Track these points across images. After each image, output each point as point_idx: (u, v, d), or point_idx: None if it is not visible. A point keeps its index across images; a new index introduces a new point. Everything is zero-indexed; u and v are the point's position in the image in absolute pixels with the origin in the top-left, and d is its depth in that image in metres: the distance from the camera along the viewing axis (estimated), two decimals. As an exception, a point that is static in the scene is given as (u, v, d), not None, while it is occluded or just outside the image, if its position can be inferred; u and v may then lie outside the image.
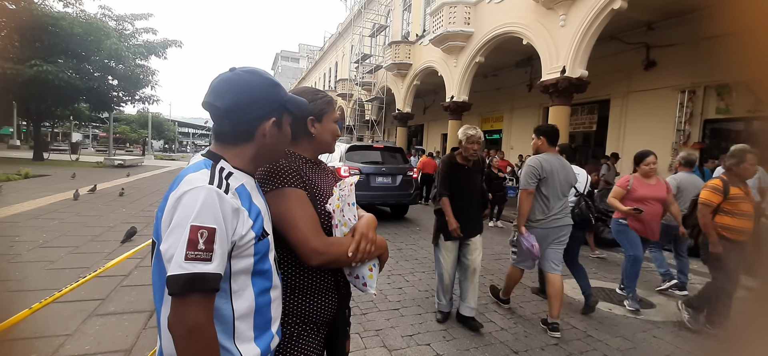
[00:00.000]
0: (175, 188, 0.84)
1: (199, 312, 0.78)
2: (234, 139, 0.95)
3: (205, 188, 0.81)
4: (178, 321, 0.77)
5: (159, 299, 0.87)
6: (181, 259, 0.76)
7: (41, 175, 11.71)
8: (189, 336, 0.77)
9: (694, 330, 3.41)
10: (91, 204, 7.63)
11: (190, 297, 0.77)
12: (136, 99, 19.32)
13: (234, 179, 0.90)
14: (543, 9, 8.60)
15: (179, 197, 0.81)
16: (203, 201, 0.80)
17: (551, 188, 3.23)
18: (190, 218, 0.78)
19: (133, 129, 45.21)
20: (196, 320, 0.77)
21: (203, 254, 0.77)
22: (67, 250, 4.57)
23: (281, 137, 1.01)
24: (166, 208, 0.83)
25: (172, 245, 0.78)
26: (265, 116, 0.95)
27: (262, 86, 0.95)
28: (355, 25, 21.13)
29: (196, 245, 0.77)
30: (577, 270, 3.82)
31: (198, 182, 0.82)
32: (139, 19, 17.99)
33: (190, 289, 0.76)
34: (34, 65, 13.74)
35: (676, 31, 8.43)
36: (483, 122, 15.68)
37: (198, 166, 0.88)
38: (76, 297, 3.16)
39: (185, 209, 0.79)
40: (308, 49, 55.85)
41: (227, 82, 0.92)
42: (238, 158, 0.95)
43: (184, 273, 0.76)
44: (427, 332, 3.13)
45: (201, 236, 0.78)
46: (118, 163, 17.62)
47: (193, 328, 0.77)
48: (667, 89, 8.69)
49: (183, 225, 0.78)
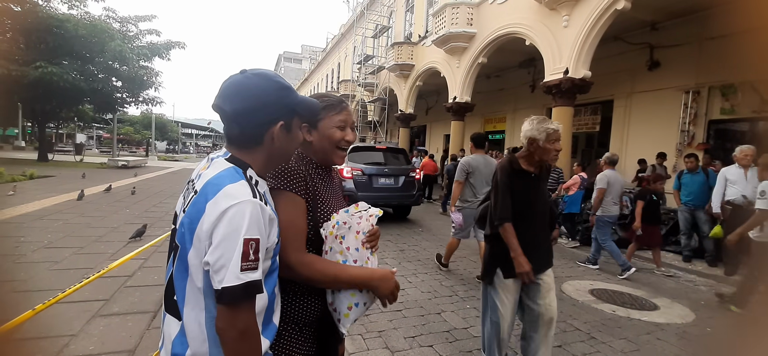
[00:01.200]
0: (212, 196, 0.85)
1: (250, 315, 0.85)
2: (244, 142, 0.96)
3: (251, 203, 0.85)
4: (230, 326, 0.82)
5: (182, 298, 0.90)
6: (237, 270, 0.80)
7: (46, 176, 11.79)
8: (241, 338, 0.83)
9: None
10: (96, 205, 7.67)
11: (242, 304, 0.83)
12: (140, 101, 19.41)
13: (261, 187, 0.94)
14: (546, 10, 8.58)
15: (225, 210, 0.83)
16: (250, 215, 0.84)
17: (477, 179, 4.48)
18: (242, 232, 0.82)
19: (136, 130, 45.49)
20: (247, 322, 0.84)
21: (253, 264, 0.83)
22: (71, 251, 4.59)
23: (291, 141, 1.01)
24: (204, 218, 0.84)
25: (221, 256, 0.81)
26: (273, 121, 0.95)
27: (271, 90, 0.94)
28: (358, 26, 21.16)
29: (248, 257, 0.82)
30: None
31: (242, 195, 0.85)
32: (142, 21, 18.08)
33: (244, 297, 0.82)
34: (39, 67, 13.84)
35: (681, 32, 8.39)
36: (486, 123, 15.66)
37: (231, 175, 0.89)
38: (81, 298, 3.19)
39: (234, 223, 0.82)
40: (311, 50, 56.02)
41: (236, 86, 0.93)
42: (256, 163, 0.97)
43: (242, 283, 0.81)
44: (429, 333, 3.13)
45: (251, 247, 0.83)
46: (122, 164, 17.72)
47: (244, 330, 0.84)
48: (671, 89, 8.65)
49: (235, 239, 0.81)
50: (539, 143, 2.22)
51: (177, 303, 0.91)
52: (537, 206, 2.33)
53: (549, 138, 2.21)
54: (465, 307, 3.71)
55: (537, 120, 2.25)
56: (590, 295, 4.29)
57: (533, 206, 2.31)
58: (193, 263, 0.86)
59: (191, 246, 0.86)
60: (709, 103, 8.16)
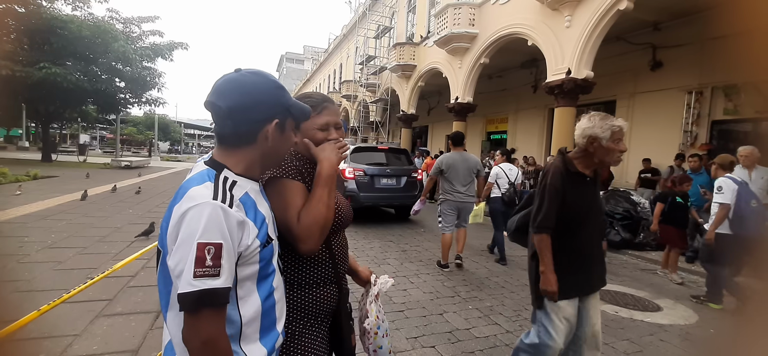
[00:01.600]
0: (179, 200, 0.83)
1: (211, 325, 0.79)
2: (236, 141, 0.93)
3: (210, 204, 0.80)
4: (193, 335, 0.79)
5: (165, 304, 0.88)
6: (190, 277, 0.76)
7: (50, 176, 11.85)
8: (203, 349, 0.79)
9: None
10: (99, 205, 7.71)
11: (202, 312, 0.78)
12: (143, 101, 19.51)
13: (238, 188, 0.89)
14: (548, 10, 8.57)
15: (184, 212, 0.80)
16: (208, 217, 0.79)
17: (453, 175, 4.83)
18: (196, 236, 0.78)
19: (139, 131, 45.63)
20: (209, 333, 0.79)
21: (211, 270, 0.78)
22: (75, 251, 4.62)
23: (284, 141, 0.99)
24: (170, 221, 0.82)
25: (179, 261, 0.78)
26: (268, 119, 0.93)
27: (266, 88, 0.93)
28: (360, 26, 21.18)
29: (204, 262, 0.77)
30: (500, 234, 5.37)
31: (202, 197, 0.81)
32: (145, 22, 18.19)
33: (201, 305, 0.77)
34: (42, 68, 13.93)
35: (683, 32, 8.36)
36: (488, 124, 15.64)
37: (201, 177, 0.86)
38: (84, 298, 3.20)
39: (190, 226, 0.79)
40: (313, 51, 56.14)
41: (232, 83, 0.91)
42: (242, 163, 0.94)
43: (195, 290, 0.76)
44: (431, 334, 3.13)
45: (208, 252, 0.77)
46: (125, 164, 17.80)
47: (207, 341, 0.79)
48: (674, 89, 8.62)
49: (189, 242, 0.77)
50: (602, 143, 1.91)
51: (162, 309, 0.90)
52: (592, 215, 2.03)
53: (614, 137, 1.91)
54: (467, 308, 3.71)
55: (599, 117, 1.97)
56: (593, 296, 4.28)
57: (588, 214, 2.02)
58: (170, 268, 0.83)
59: (168, 252, 0.83)
60: (712, 103, 8.13)
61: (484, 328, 3.29)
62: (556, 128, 8.58)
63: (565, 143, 8.30)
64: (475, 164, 4.99)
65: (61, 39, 14.74)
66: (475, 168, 4.96)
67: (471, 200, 4.92)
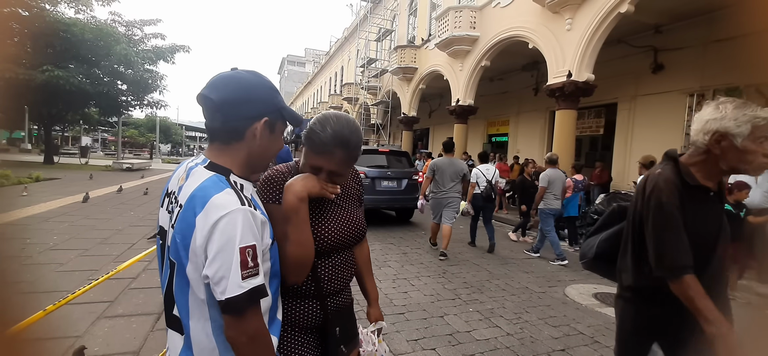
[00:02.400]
0: (200, 209, 0.82)
1: (258, 319, 0.87)
2: (225, 137, 0.93)
3: (241, 211, 0.84)
4: (241, 333, 0.84)
5: (186, 315, 0.89)
6: (238, 280, 0.81)
7: (52, 178, 11.89)
8: (252, 343, 0.85)
9: None
10: (100, 207, 7.73)
11: (248, 310, 0.84)
12: (145, 104, 19.57)
13: (246, 190, 0.93)
14: (549, 13, 8.59)
15: (216, 222, 0.81)
16: (242, 224, 0.83)
17: (442, 176, 5.68)
18: (236, 242, 0.81)
19: (141, 133, 45.74)
20: (257, 327, 0.86)
21: (253, 270, 0.83)
22: (77, 253, 4.63)
23: (272, 142, 0.98)
24: (196, 232, 0.82)
25: (220, 268, 0.80)
26: (258, 116, 0.93)
27: (260, 86, 0.94)
28: (361, 29, 21.24)
29: (247, 265, 0.82)
30: (489, 228, 6.33)
31: (230, 204, 0.83)
32: (147, 25, 18.24)
33: (251, 304, 0.83)
34: (45, 71, 14.00)
35: (685, 34, 8.36)
36: (489, 126, 15.65)
37: (216, 184, 0.86)
38: (86, 300, 3.21)
39: (228, 234, 0.81)
40: (314, 54, 56.22)
41: (226, 78, 0.92)
42: (235, 163, 0.94)
43: (245, 291, 0.81)
44: (432, 336, 3.12)
45: (248, 255, 0.83)
46: (127, 166, 17.85)
47: (255, 335, 0.86)
48: (676, 92, 8.61)
49: (230, 249, 0.81)
50: (735, 141, 1.28)
51: (180, 317, 0.90)
52: (718, 242, 1.39)
53: (755, 133, 1.25)
54: (468, 310, 3.70)
55: (732, 104, 1.30)
56: (594, 299, 4.27)
57: (715, 244, 1.39)
58: (193, 277, 0.85)
59: (188, 261, 0.84)
60: (713, 106, 8.11)
61: (485, 330, 3.28)
62: (557, 131, 8.58)
63: (566, 145, 8.29)
64: (461, 168, 5.81)
65: (64, 42, 14.81)
66: (461, 172, 5.76)
67: (454, 197, 5.71)
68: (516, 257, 6.02)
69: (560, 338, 3.24)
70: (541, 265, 5.62)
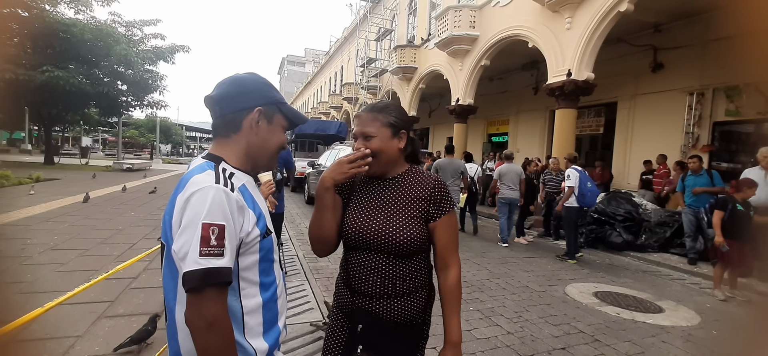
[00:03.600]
0: (182, 190, 0.87)
1: (216, 305, 0.82)
2: (225, 130, 0.98)
3: (213, 188, 0.84)
4: (197, 316, 0.80)
5: (172, 299, 0.90)
6: (195, 255, 0.80)
7: (52, 179, 11.89)
8: (209, 329, 0.81)
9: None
10: (101, 207, 7.73)
11: (206, 292, 0.80)
12: (145, 104, 19.58)
13: (236, 179, 0.93)
14: (548, 12, 8.59)
15: (188, 197, 0.84)
16: (212, 200, 0.83)
17: (443, 174, 6.49)
18: (201, 217, 0.81)
19: (141, 133, 45.74)
20: (214, 313, 0.81)
21: (216, 249, 0.81)
22: (77, 253, 4.63)
23: (271, 133, 1.01)
24: (174, 209, 0.86)
25: (185, 243, 0.81)
26: (252, 106, 0.97)
27: (255, 81, 1.00)
28: (361, 29, 21.23)
29: (209, 242, 0.80)
30: (474, 215, 7.72)
31: (205, 182, 0.85)
32: (147, 25, 18.24)
33: (206, 283, 0.80)
34: (45, 71, 13.99)
35: (684, 33, 8.36)
36: (489, 126, 15.65)
37: (201, 168, 0.91)
38: (86, 299, 3.21)
39: (195, 209, 0.82)
40: (314, 54, 56.21)
41: (226, 78, 1.01)
42: (234, 154, 0.98)
43: (200, 268, 0.79)
44: (432, 335, 3.08)
45: (212, 233, 0.81)
46: (127, 167, 17.86)
47: (212, 321, 0.81)
48: (675, 91, 8.61)
49: (195, 224, 0.81)
50: None
51: (166, 304, 0.93)
52: None
53: None
54: (468, 309, 3.71)
55: None
56: (594, 297, 4.27)
57: None
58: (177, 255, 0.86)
59: (172, 241, 0.86)
60: (713, 105, 8.11)
61: (485, 329, 3.29)
62: (557, 130, 8.58)
63: (565, 144, 8.30)
64: (459, 166, 6.86)
65: (64, 42, 14.81)
66: (459, 169, 6.78)
67: (454, 191, 6.66)
68: (516, 256, 6.03)
69: (560, 336, 3.24)
70: (541, 264, 5.62)
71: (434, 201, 1.18)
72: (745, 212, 4.32)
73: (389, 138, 1.16)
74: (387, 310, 1.16)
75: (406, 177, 1.22)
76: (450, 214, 1.20)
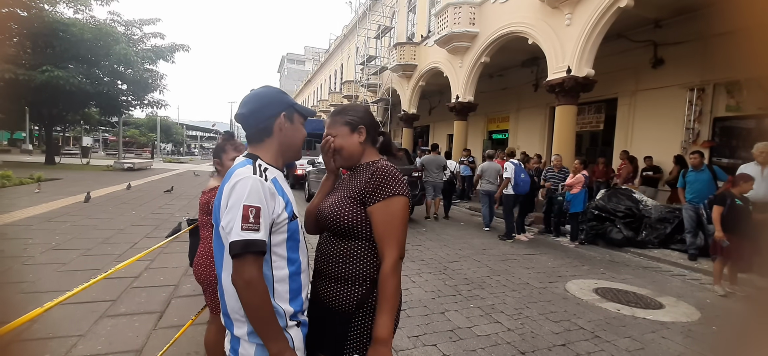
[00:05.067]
0: (228, 181, 1.11)
1: (253, 268, 1.04)
2: (259, 135, 1.22)
3: (252, 178, 1.09)
4: (238, 277, 1.04)
5: (220, 267, 1.16)
6: (238, 229, 1.03)
7: (53, 179, 11.91)
8: (247, 287, 1.04)
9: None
10: (102, 207, 7.75)
11: (246, 258, 1.03)
12: (145, 103, 19.57)
13: (269, 172, 1.16)
14: (548, 8, 8.56)
15: (233, 185, 1.08)
16: (251, 187, 1.07)
17: (429, 168, 8.52)
18: (242, 200, 1.05)
19: (142, 133, 45.73)
20: (251, 274, 1.04)
21: (253, 225, 1.04)
22: (78, 252, 4.65)
23: (295, 130, 1.26)
24: (222, 195, 1.11)
25: (230, 220, 1.05)
26: (276, 113, 1.21)
27: (272, 93, 1.25)
28: (360, 27, 21.19)
29: (248, 219, 1.04)
30: (448, 201, 9.49)
31: (245, 173, 1.10)
32: (147, 24, 18.22)
33: (245, 251, 1.03)
34: (45, 71, 13.99)
35: (685, 29, 8.33)
36: (489, 123, 15.63)
37: (243, 163, 1.15)
38: (88, 298, 3.22)
39: (238, 193, 1.06)
40: (314, 52, 56.13)
41: (248, 95, 1.25)
42: (268, 154, 1.22)
43: (242, 239, 1.03)
44: (433, 332, 3.13)
45: (251, 212, 1.04)
46: (128, 166, 17.87)
47: (249, 280, 1.04)
48: (676, 87, 8.59)
49: (238, 205, 1.05)
50: None
51: (217, 269, 1.17)
52: None
53: None
54: (469, 306, 3.72)
55: None
56: (594, 294, 4.28)
57: None
58: (222, 233, 1.10)
59: (219, 221, 1.11)
60: (714, 100, 8.09)
61: (486, 326, 3.30)
62: (557, 127, 8.57)
63: (566, 141, 8.30)
64: (442, 161, 8.90)
65: (64, 42, 14.79)
66: (442, 164, 8.79)
67: (438, 182, 8.71)
68: (517, 253, 6.03)
69: (561, 333, 3.25)
70: (541, 261, 5.63)
71: (371, 185, 1.23)
72: (744, 206, 4.34)
73: (348, 134, 1.32)
74: (324, 291, 1.26)
75: (364, 166, 1.32)
76: (388, 201, 1.21)
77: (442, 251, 5.78)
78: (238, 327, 1.13)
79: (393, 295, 1.18)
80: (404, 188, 1.25)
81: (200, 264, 2.06)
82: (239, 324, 1.13)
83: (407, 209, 1.25)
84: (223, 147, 2.17)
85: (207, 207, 2.07)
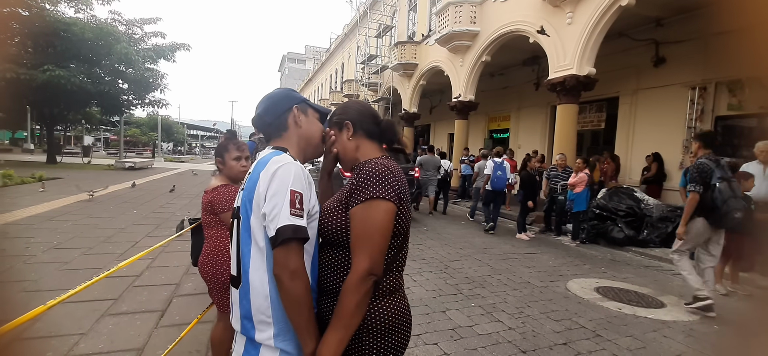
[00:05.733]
0: (263, 168, 1.06)
1: (299, 257, 1.01)
2: (276, 132, 1.23)
3: (294, 164, 1.07)
4: (283, 267, 0.99)
5: (247, 262, 1.07)
6: (287, 214, 0.99)
7: (55, 178, 11.93)
8: (293, 276, 0.99)
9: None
10: (103, 206, 7.76)
11: (291, 246, 0.99)
12: (146, 103, 19.58)
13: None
14: (550, 7, 8.54)
15: (275, 171, 1.04)
16: (294, 172, 1.04)
17: (425, 167, 9.34)
18: (288, 185, 1.02)
19: (143, 132, 45.82)
20: (297, 263, 1.00)
21: (299, 211, 1.01)
22: (80, 251, 4.66)
23: (311, 124, 1.26)
24: (259, 182, 1.05)
25: (275, 205, 1.00)
26: (289, 107, 1.23)
27: (283, 91, 1.30)
28: (361, 26, 21.17)
29: (295, 204, 1.01)
30: (445, 200, 10.02)
31: (286, 160, 1.08)
32: (148, 24, 18.22)
33: (294, 236, 0.98)
34: (46, 70, 14.01)
35: (686, 27, 8.30)
36: (490, 122, 15.61)
37: (278, 152, 1.14)
38: (90, 297, 3.23)
39: (282, 179, 1.03)
40: (315, 51, 56.13)
41: (263, 98, 1.29)
42: (291, 148, 1.21)
43: (291, 224, 0.98)
44: (434, 331, 3.14)
45: (297, 198, 1.02)
46: (129, 165, 17.89)
47: (295, 270, 0.99)
48: (677, 85, 8.56)
49: (284, 191, 1.01)
50: None
51: (240, 271, 1.09)
52: None
53: None
54: (470, 305, 3.72)
55: None
56: (596, 293, 4.28)
57: None
58: (255, 226, 1.06)
59: (251, 213, 1.06)
60: (715, 99, 8.07)
61: (487, 325, 3.30)
62: (559, 125, 8.56)
63: (567, 140, 8.28)
64: (437, 161, 9.56)
65: (65, 41, 14.81)
66: (437, 164, 9.49)
67: (433, 179, 9.47)
68: (518, 252, 6.03)
69: (562, 332, 3.25)
70: (542, 260, 5.63)
71: (353, 188, 1.09)
72: (749, 206, 4.20)
73: (338, 133, 1.28)
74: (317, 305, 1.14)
75: (359, 166, 1.17)
76: (367, 204, 1.04)
77: (443, 250, 5.78)
78: (262, 330, 1.04)
79: (349, 313, 0.99)
80: (390, 192, 1.05)
81: (207, 263, 2.05)
82: (264, 326, 1.04)
83: (391, 217, 1.05)
84: (226, 146, 2.17)
85: (210, 207, 2.07)
